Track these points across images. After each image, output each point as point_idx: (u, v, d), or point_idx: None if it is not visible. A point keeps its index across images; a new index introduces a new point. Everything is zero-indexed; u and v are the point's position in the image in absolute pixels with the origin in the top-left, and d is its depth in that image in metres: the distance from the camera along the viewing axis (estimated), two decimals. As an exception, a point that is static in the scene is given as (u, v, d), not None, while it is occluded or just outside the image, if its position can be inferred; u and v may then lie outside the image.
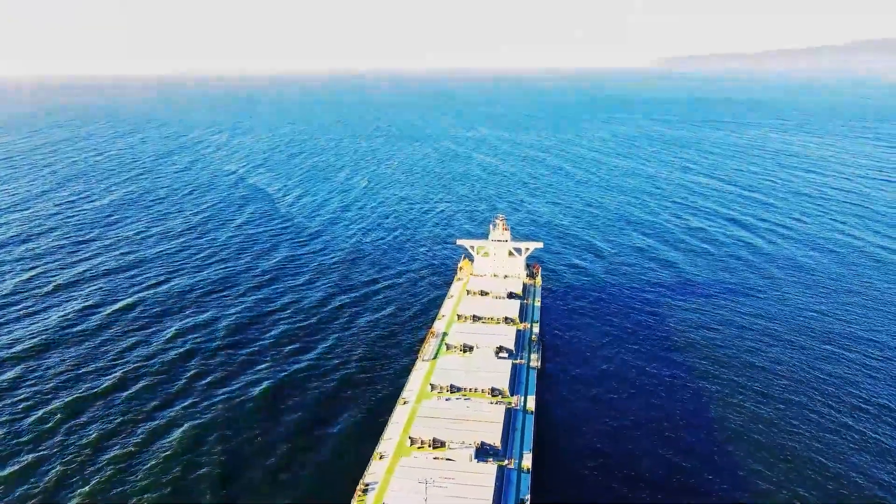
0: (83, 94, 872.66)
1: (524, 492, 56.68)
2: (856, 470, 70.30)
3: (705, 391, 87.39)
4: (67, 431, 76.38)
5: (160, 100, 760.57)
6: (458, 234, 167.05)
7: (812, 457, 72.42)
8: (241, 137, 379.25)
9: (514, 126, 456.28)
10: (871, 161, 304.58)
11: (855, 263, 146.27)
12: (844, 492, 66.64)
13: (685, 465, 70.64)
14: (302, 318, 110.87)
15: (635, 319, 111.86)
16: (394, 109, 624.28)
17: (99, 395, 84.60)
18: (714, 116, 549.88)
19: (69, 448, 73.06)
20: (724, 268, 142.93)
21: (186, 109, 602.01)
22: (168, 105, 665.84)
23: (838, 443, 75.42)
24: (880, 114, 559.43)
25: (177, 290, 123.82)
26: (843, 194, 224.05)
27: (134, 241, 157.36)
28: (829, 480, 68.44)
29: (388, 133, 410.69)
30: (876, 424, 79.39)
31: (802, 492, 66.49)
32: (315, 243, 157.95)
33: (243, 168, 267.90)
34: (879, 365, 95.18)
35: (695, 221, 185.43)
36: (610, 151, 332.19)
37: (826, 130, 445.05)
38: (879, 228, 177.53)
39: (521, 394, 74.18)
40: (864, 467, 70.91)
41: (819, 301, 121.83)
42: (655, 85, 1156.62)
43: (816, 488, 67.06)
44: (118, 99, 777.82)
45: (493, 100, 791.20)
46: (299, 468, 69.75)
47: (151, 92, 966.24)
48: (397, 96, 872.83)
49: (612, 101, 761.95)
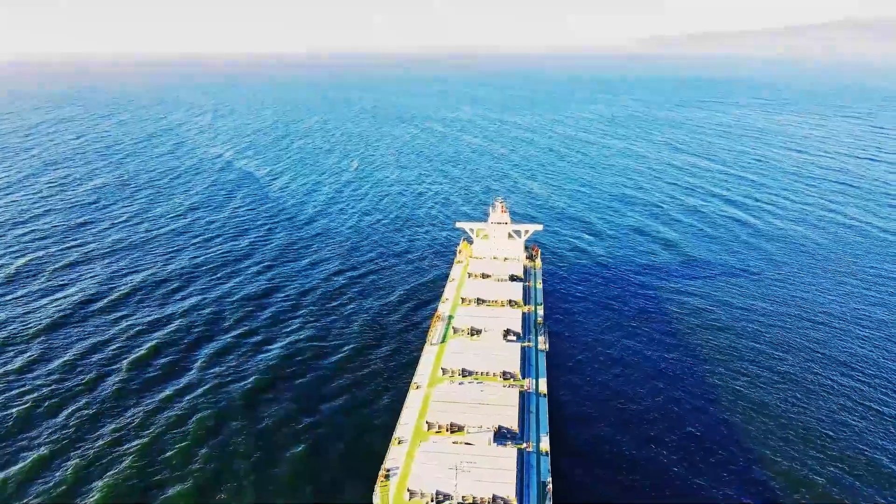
0: (53, 76, 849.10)
1: (545, 474, 57.25)
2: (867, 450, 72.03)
3: (710, 373, 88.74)
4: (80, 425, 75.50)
5: (136, 82, 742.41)
6: (455, 215, 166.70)
7: (825, 433, 74.15)
8: (225, 120, 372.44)
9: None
10: (853, 139, 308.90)
11: (845, 239, 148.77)
12: (854, 471, 68.38)
13: (696, 449, 71.86)
14: (302, 302, 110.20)
15: (635, 302, 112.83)
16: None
17: (103, 382, 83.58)
18: (698, 97, 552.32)
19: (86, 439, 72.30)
20: (720, 245, 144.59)
21: (161, 91, 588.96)
22: (145, 87, 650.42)
23: (847, 421, 77.24)
24: (860, 94, 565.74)
25: (171, 276, 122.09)
26: (830, 172, 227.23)
27: (125, 227, 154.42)
28: (837, 460, 70.10)
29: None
30: (881, 396, 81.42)
31: (812, 470, 68.10)
32: (311, 228, 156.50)
33: (230, 151, 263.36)
34: (873, 335, 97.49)
35: (689, 200, 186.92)
36: (597, 132, 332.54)
37: (806, 110, 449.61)
38: (866, 205, 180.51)
39: (532, 377, 74.56)
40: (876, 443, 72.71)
41: (814, 275, 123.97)
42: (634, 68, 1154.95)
43: (826, 467, 68.67)
44: (81, 81, 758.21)
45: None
46: (318, 454, 69.73)
47: (125, 75, 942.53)
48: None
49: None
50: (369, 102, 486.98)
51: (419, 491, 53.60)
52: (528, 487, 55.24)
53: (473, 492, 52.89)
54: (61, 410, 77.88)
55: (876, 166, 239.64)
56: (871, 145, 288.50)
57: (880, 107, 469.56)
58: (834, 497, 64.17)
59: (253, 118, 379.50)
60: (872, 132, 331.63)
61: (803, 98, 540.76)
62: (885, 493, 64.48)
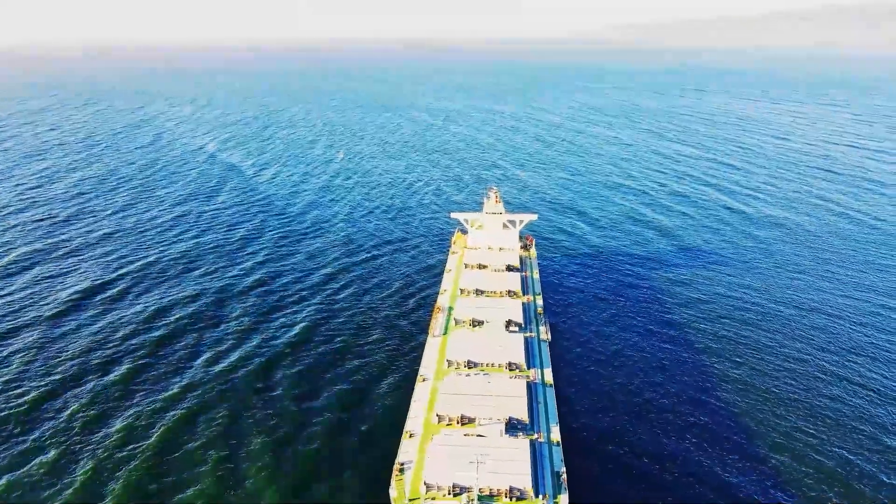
0: (21, 65, 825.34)
1: (558, 465, 57.47)
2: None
3: (710, 362, 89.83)
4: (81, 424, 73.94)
5: (107, 70, 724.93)
6: (446, 205, 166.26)
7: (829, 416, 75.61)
8: (204, 110, 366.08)
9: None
10: (830, 126, 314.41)
11: (833, 224, 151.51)
12: (861, 449, 69.91)
13: (706, 438, 72.70)
14: (301, 293, 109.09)
15: (631, 292, 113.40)
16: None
17: (95, 378, 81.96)
18: (677, 85, 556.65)
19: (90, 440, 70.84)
20: (712, 232, 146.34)
21: (134, 80, 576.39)
22: (117, 76, 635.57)
23: (846, 407, 78.85)
24: (839, 82, 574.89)
25: (161, 271, 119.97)
26: (811, 159, 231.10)
27: (111, 221, 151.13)
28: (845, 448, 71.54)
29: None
30: (874, 379, 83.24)
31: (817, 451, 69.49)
32: (303, 219, 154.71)
33: (212, 143, 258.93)
34: (869, 320, 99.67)
35: (677, 187, 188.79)
36: (582, 120, 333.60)
37: (785, 98, 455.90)
38: (850, 191, 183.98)
39: (537, 367, 74.70)
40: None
41: (804, 259, 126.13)
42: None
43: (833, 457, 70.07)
44: (53, 69, 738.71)
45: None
46: (329, 449, 69.31)
47: (97, 62, 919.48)
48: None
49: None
50: (347, 92, 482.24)
51: (436, 484, 53.49)
52: (543, 478, 55.41)
53: (490, 484, 52.94)
54: (56, 410, 76.09)
55: (855, 152, 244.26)
56: (849, 132, 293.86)
57: (858, 95, 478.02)
58: (849, 483, 65.43)
59: (233, 108, 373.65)
60: (851, 120, 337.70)
61: (781, 86, 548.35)
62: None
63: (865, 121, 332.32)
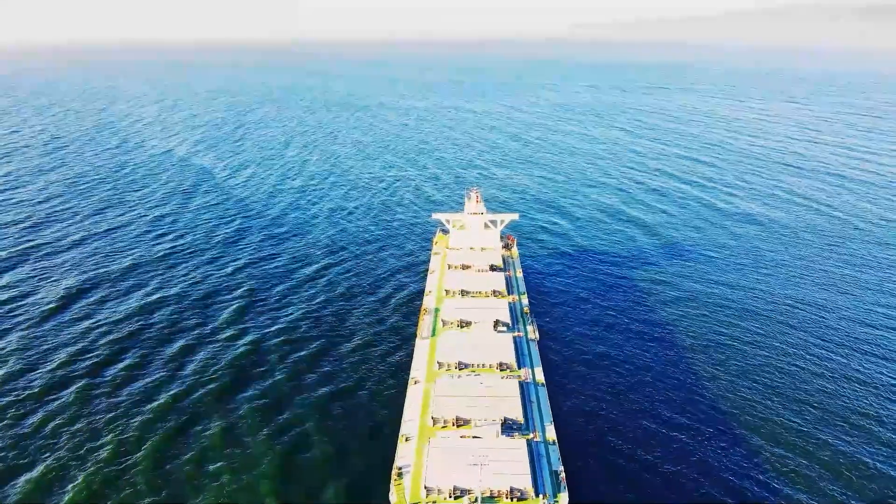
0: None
1: (555, 464, 58.22)
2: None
3: (695, 361, 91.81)
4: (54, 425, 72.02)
5: (68, 69, 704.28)
6: (426, 204, 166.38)
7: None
8: (172, 111, 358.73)
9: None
10: (794, 121, 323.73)
11: (804, 218, 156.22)
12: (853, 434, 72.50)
13: (696, 435, 74.43)
14: (285, 297, 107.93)
15: (613, 292, 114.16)
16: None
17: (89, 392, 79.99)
18: (642, 82, 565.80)
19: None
20: (691, 230, 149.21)
21: (97, 80, 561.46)
22: (78, 76, 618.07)
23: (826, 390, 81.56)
24: (799, 79, 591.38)
25: (138, 276, 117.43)
26: (776, 154, 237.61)
27: (82, 226, 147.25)
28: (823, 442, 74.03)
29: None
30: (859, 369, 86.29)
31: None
32: (282, 222, 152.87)
33: (182, 146, 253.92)
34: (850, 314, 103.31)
35: (652, 183, 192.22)
36: (554, 118, 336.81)
37: (747, 95, 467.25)
38: (813, 184, 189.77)
39: (527, 366, 75.41)
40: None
41: (778, 253, 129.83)
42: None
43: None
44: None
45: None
46: (326, 455, 68.90)
47: (55, 62, 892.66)
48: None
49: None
50: (319, 91, 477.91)
51: (436, 487, 53.70)
52: (542, 477, 56.10)
53: (490, 485, 53.39)
54: (33, 421, 74.04)
55: (816, 147, 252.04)
56: (810, 128, 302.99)
57: (817, 91, 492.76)
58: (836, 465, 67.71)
59: (201, 109, 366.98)
60: (811, 116, 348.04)
61: (743, 83, 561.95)
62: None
63: (824, 116, 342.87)
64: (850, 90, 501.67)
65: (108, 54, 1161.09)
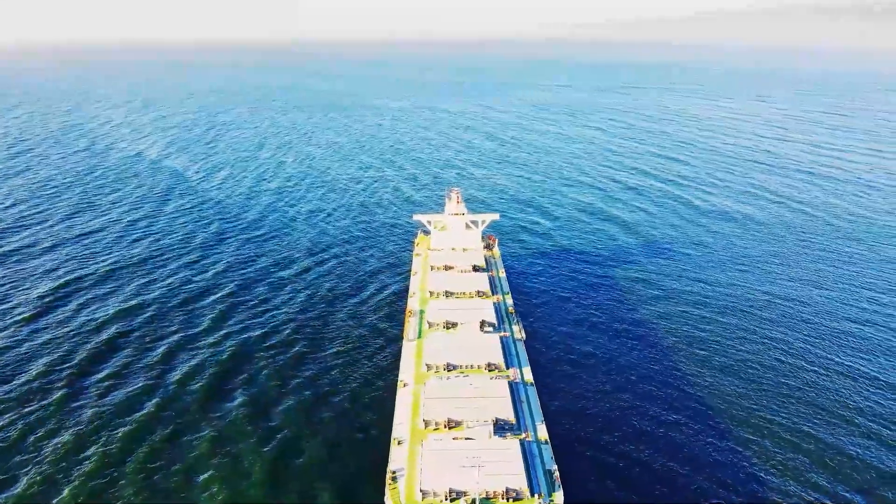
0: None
1: (549, 463, 58.60)
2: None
3: (678, 359, 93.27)
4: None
5: (26, 70, 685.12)
6: (406, 204, 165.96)
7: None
8: (140, 113, 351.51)
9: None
10: (762, 119, 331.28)
11: (774, 213, 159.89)
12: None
13: (682, 432, 75.63)
14: (266, 302, 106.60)
15: (596, 293, 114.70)
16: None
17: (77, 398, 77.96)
18: (615, 83, 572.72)
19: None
20: (669, 228, 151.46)
21: (61, 81, 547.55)
22: (38, 76, 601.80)
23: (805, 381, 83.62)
24: (769, 80, 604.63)
25: (117, 282, 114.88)
26: (747, 151, 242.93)
27: (51, 234, 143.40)
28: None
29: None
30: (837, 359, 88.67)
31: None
32: (261, 226, 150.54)
33: (153, 148, 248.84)
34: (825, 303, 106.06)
35: (630, 181, 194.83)
36: (530, 117, 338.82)
37: (717, 94, 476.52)
38: (784, 180, 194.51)
39: (515, 366, 75.77)
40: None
41: (753, 248, 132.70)
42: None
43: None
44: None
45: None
46: (320, 459, 68.25)
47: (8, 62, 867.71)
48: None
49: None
50: (293, 92, 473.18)
51: (432, 490, 53.62)
52: (536, 477, 56.44)
53: (486, 486, 53.52)
54: (7, 435, 71.96)
55: (784, 144, 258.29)
56: (779, 126, 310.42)
57: (788, 91, 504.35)
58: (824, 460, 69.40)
59: (172, 110, 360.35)
60: (780, 114, 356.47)
61: (713, 83, 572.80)
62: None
63: (792, 114, 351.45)
64: (840, 90, 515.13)
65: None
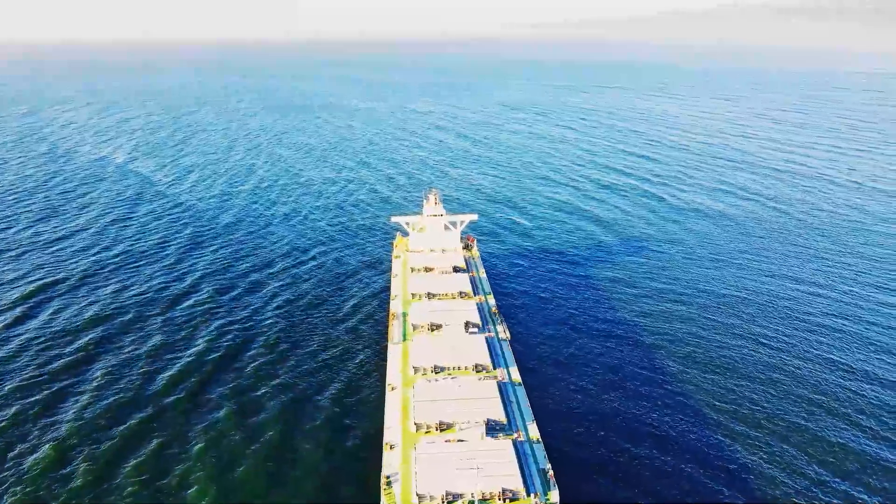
0: None
1: (542, 462, 58.88)
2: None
3: (661, 360, 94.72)
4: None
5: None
6: (383, 206, 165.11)
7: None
8: (103, 115, 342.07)
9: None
10: (730, 117, 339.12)
11: (745, 209, 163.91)
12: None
13: (668, 429, 76.75)
14: (248, 307, 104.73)
15: (576, 293, 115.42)
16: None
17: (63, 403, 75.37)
18: (583, 82, 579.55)
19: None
20: (645, 225, 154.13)
21: (24, 84, 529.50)
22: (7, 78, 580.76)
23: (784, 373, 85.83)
24: (733, 78, 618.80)
25: (93, 288, 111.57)
26: (715, 149, 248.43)
27: (15, 241, 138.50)
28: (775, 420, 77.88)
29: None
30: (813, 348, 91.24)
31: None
32: (237, 230, 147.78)
33: (118, 152, 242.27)
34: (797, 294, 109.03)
35: (604, 180, 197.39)
36: (502, 118, 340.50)
37: (683, 93, 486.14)
38: (750, 177, 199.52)
39: (503, 366, 75.89)
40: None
41: (725, 245, 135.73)
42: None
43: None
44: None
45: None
46: (313, 465, 67.37)
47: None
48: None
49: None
50: (259, 91, 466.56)
51: (428, 494, 53.37)
52: (531, 476, 56.65)
53: (482, 487, 53.54)
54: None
55: (749, 142, 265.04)
56: (743, 124, 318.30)
57: (751, 89, 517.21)
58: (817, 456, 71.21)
59: (134, 112, 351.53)
60: (745, 112, 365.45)
61: (679, 82, 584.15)
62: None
63: (758, 112, 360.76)
64: (798, 88, 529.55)
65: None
